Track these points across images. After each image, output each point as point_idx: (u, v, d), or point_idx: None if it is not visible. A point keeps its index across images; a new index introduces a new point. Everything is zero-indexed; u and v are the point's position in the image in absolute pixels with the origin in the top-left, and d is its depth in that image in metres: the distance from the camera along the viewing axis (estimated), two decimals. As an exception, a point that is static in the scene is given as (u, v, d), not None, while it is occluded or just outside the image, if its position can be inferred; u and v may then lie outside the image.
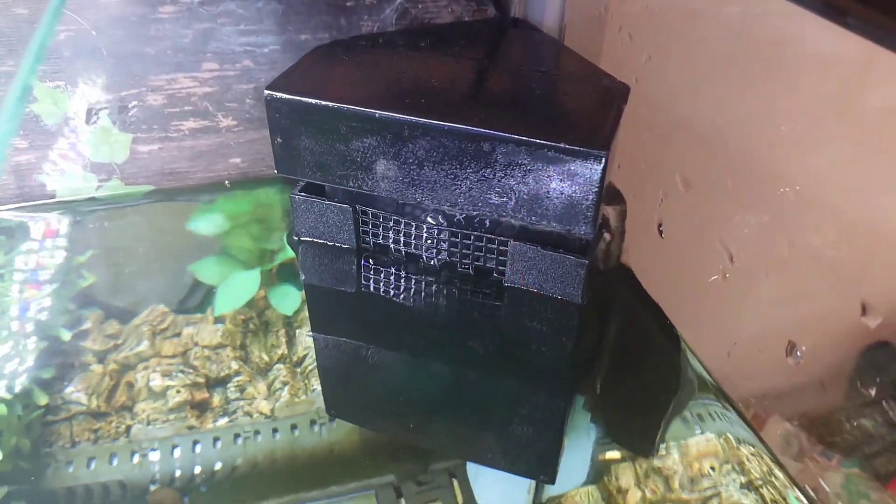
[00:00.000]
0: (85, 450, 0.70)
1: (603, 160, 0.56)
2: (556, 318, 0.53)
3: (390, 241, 0.71)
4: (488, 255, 0.69)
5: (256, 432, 0.72)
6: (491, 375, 0.53)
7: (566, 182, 0.54)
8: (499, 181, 0.56)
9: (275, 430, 0.73)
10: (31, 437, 0.70)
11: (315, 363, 0.76)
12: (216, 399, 0.75)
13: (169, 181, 1.05)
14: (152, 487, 0.70)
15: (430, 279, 0.54)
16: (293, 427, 0.73)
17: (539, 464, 0.52)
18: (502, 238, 0.69)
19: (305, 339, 0.79)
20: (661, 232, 0.77)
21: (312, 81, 0.69)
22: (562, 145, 0.55)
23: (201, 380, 0.75)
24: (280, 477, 0.73)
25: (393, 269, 0.57)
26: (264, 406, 0.75)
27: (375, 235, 0.72)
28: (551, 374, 0.54)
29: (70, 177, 1.01)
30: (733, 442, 0.70)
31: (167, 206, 1.02)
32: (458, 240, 0.70)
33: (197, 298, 0.85)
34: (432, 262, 0.55)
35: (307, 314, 0.79)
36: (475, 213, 0.59)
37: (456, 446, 0.59)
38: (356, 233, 0.68)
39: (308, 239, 0.61)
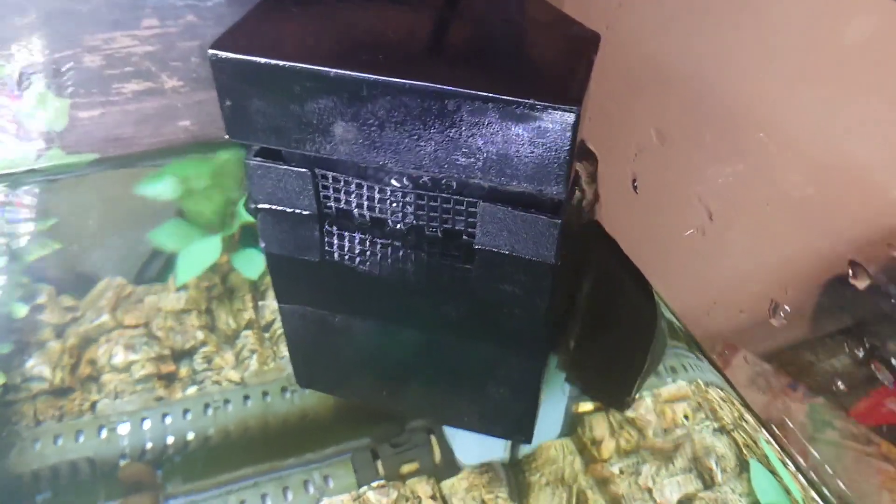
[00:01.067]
0: (50, 428, 0.68)
1: (574, 115, 0.55)
2: (529, 279, 0.52)
3: (353, 205, 0.68)
4: (457, 217, 0.66)
5: (227, 401, 0.71)
6: (463, 339, 0.52)
7: (536, 140, 0.53)
8: (465, 141, 0.55)
9: (246, 398, 0.72)
10: (-9, 418, 0.68)
11: (282, 329, 0.75)
12: (183, 370, 0.73)
13: (114, 148, 1.00)
14: (122, 462, 0.69)
15: (397, 243, 0.52)
16: (264, 394, 0.72)
17: (515, 424, 0.52)
18: (471, 199, 0.66)
19: (272, 303, 0.78)
20: (635, 188, 0.77)
21: (261, 38, 0.65)
22: (530, 101, 0.54)
23: (167, 352, 0.74)
24: (253, 445, 0.72)
25: (357, 235, 0.54)
26: (233, 374, 0.73)
27: (337, 200, 0.68)
28: (525, 335, 0.53)
29: (5, 147, 0.96)
30: (704, 389, 0.71)
31: (115, 175, 0.98)
32: (424, 202, 0.67)
33: (156, 267, 0.82)
34: (398, 226, 0.52)
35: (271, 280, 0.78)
36: (442, 175, 0.57)
37: (430, 410, 0.59)
38: (317, 198, 0.64)
39: (266, 206, 0.57)
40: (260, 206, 0.55)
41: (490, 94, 0.56)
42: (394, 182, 0.67)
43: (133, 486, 0.68)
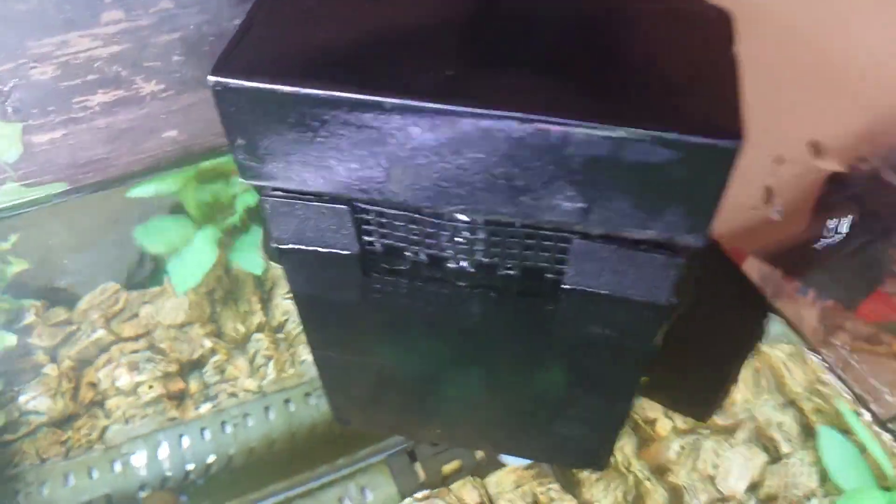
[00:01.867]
0: (57, 466, 0.62)
1: (734, 147, 0.38)
2: (631, 320, 0.38)
3: (404, 242, 0.50)
4: (541, 254, 0.49)
5: (246, 415, 0.66)
6: (540, 377, 0.41)
7: (676, 180, 0.37)
8: (573, 183, 0.37)
9: (267, 409, 0.66)
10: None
11: (299, 328, 0.68)
12: (193, 385, 0.67)
13: (86, 174, 0.82)
14: (142, 494, 0.64)
15: (461, 283, 0.37)
16: (286, 402, 0.67)
17: (590, 456, 0.43)
18: (562, 234, 0.47)
19: (282, 301, 0.71)
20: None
21: (277, 51, 0.45)
22: (673, 135, 0.36)
23: (173, 367, 0.67)
24: (281, 459, 0.67)
25: (410, 276, 0.37)
26: (250, 384, 0.67)
27: (384, 236, 0.50)
28: (612, 376, 0.41)
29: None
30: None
31: (87, 204, 0.83)
32: (500, 238, 0.49)
33: (146, 269, 0.75)
34: (463, 265, 0.36)
35: (281, 275, 0.71)
36: (532, 222, 0.41)
37: (496, 443, 0.50)
38: (357, 235, 0.46)
39: (292, 247, 0.43)
40: (283, 246, 0.37)
41: (608, 128, 0.38)
42: (460, 217, 0.48)
43: (157, 518, 0.63)
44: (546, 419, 0.40)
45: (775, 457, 0.61)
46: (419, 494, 0.62)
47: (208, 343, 0.69)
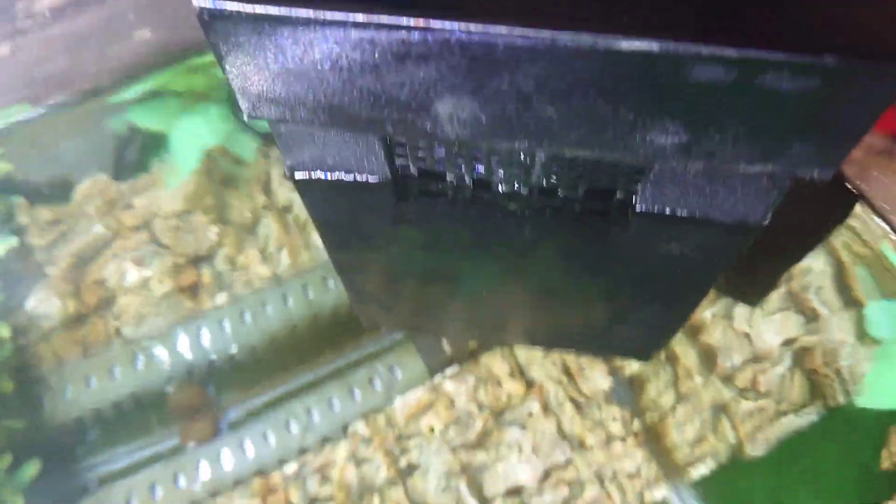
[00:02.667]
0: (78, 368, 0.61)
1: None
2: (716, 242, 0.30)
3: (444, 167, 0.38)
4: (612, 176, 0.37)
5: (264, 303, 0.63)
6: (605, 287, 0.34)
7: (819, 109, 0.27)
8: (677, 117, 0.28)
9: (285, 297, 0.64)
10: (9, 372, 0.60)
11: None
12: (206, 276, 0.64)
13: (47, 91, 0.70)
14: (169, 389, 0.63)
15: (513, 206, 0.28)
16: (304, 287, 0.64)
17: (636, 350, 0.39)
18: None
19: (283, 184, 0.67)
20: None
21: None
22: (826, 60, 0.25)
23: (181, 259, 0.64)
24: (305, 343, 0.66)
25: (451, 200, 0.28)
26: (263, 270, 0.65)
27: (420, 160, 0.38)
28: (681, 291, 0.35)
29: None
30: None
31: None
32: (564, 162, 0.37)
33: (132, 154, 0.70)
34: (516, 188, 0.28)
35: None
36: (617, 157, 0.30)
37: (550, 340, 0.45)
38: (388, 160, 0.35)
39: (308, 176, 0.28)
40: (299, 175, 0.27)
41: (746, 52, 0.25)
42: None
43: (187, 411, 0.63)
44: (599, 325, 0.37)
45: (811, 317, 0.60)
46: (449, 371, 0.61)
47: (215, 231, 0.65)
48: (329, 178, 0.28)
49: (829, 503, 0.63)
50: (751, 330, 0.59)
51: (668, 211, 0.28)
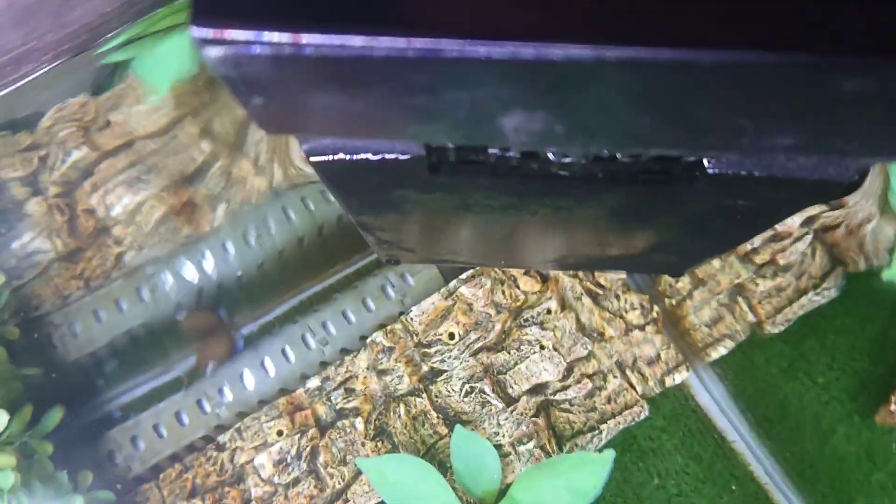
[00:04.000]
0: (83, 304, 0.59)
1: None
2: (792, 197, 0.26)
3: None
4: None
5: (265, 219, 0.61)
6: (656, 229, 0.30)
7: None
8: (793, 120, 0.21)
9: (286, 212, 0.61)
10: (11, 318, 0.58)
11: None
12: (200, 195, 0.61)
13: (5, 70, 0.62)
14: (179, 316, 0.61)
15: (564, 174, 0.23)
16: (303, 201, 0.61)
17: (671, 269, 0.36)
18: None
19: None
20: None
21: None
22: None
23: (173, 179, 0.61)
24: (312, 257, 0.64)
25: (493, 171, 0.23)
26: (260, 184, 0.61)
27: None
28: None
29: None
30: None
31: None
32: None
33: (106, 77, 0.64)
34: (569, 159, 0.23)
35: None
36: (710, 155, 0.26)
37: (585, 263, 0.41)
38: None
39: (329, 159, 0.23)
40: (316, 158, 0.22)
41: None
42: None
43: (201, 334, 0.62)
44: (638, 254, 0.34)
45: (835, 205, 0.58)
46: (464, 275, 0.60)
47: (203, 146, 0.61)
48: (353, 159, 0.25)
49: (844, 370, 0.64)
50: (771, 210, 0.57)
51: (744, 172, 0.25)
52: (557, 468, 0.53)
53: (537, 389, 0.59)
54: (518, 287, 0.59)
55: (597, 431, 0.59)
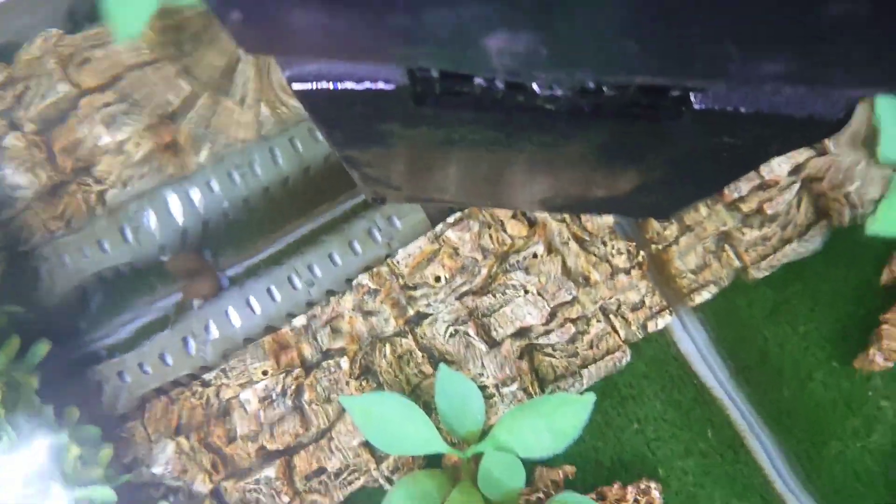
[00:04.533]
0: (70, 241, 0.58)
1: None
2: (781, 135, 0.25)
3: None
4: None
5: (251, 163, 0.60)
6: (643, 168, 0.31)
7: None
8: (791, 45, 0.19)
9: (273, 152, 0.60)
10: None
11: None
12: (184, 134, 0.60)
13: None
14: (164, 257, 0.61)
15: (551, 107, 0.23)
16: (292, 141, 0.61)
17: (657, 212, 0.36)
18: None
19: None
20: None
21: None
22: None
23: (155, 118, 0.59)
24: (298, 196, 0.63)
25: (480, 102, 0.22)
26: (246, 122, 0.60)
27: None
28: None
29: None
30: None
31: None
32: None
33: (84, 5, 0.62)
34: (555, 91, 0.22)
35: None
36: (699, 85, 0.25)
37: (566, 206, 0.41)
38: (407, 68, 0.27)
39: (312, 87, 0.22)
40: (299, 86, 0.22)
41: None
42: None
43: (186, 274, 0.62)
44: (623, 196, 0.34)
45: (821, 151, 0.58)
46: (451, 218, 0.60)
47: (185, 84, 0.60)
48: (336, 87, 0.24)
49: (826, 315, 0.65)
50: (760, 158, 0.57)
51: (730, 108, 0.25)
52: (539, 409, 0.54)
53: (521, 333, 0.59)
54: (505, 231, 0.60)
55: (579, 376, 0.60)
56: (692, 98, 0.24)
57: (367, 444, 0.57)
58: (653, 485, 0.58)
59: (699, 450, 0.62)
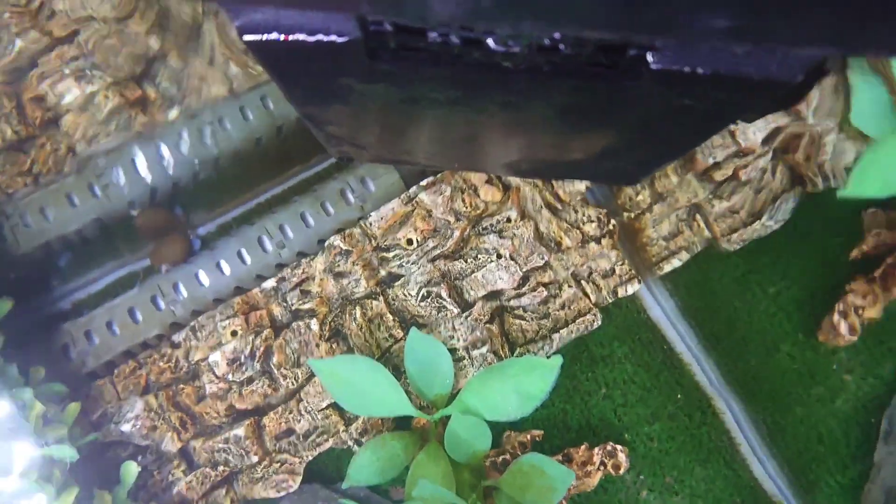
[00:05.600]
0: (33, 199, 0.57)
1: None
2: (739, 97, 0.25)
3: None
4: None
5: (221, 120, 0.59)
6: (607, 132, 0.30)
7: None
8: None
9: (243, 111, 0.59)
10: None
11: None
12: (152, 91, 0.59)
13: None
14: (134, 212, 0.60)
15: (508, 65, 0.22)
16: (263, 100, 0.60)
17: (625, 178, 0.36)
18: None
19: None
20: None
21: None
22: None
23: (123, 73, 0.58)
24: (270, 156, 0.62)
25: (435, 58, 0.22)
26: (215, 80, 0.59)
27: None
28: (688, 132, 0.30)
29: None
30: None
31: None
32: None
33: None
34: (512, 49, 0.21)
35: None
36: (646, 40, 0.25)
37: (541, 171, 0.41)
38: (357, 17, 0.27)
39: (263, 38, 0.24)
40: (249, 37, 0.21)
41: None
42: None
43: (155, 233, 0.61)
44: (589, 160, 0.34)
45: (795, 117, 0.58)
46: (424, 182, 0.59)
47: (154, 39, 0.59)
48: (288, 39, 0.24)
49: (794, 287, 0.66)
50: (735, 126, 0.57)
51: (687, 69, 0.24)
52: (507, 372, 0.54)
53: (493, 296, 0.59)
54: (478, 195, 0.59)
55: (549, 339, 0.60)
56: (649, 58, 0.24)
57: (335, 406, 0.57)
58: (619, 447, 0.59)
59: (667, 413, 0.63)
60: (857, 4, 0.17)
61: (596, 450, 0.59)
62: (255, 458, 0.56)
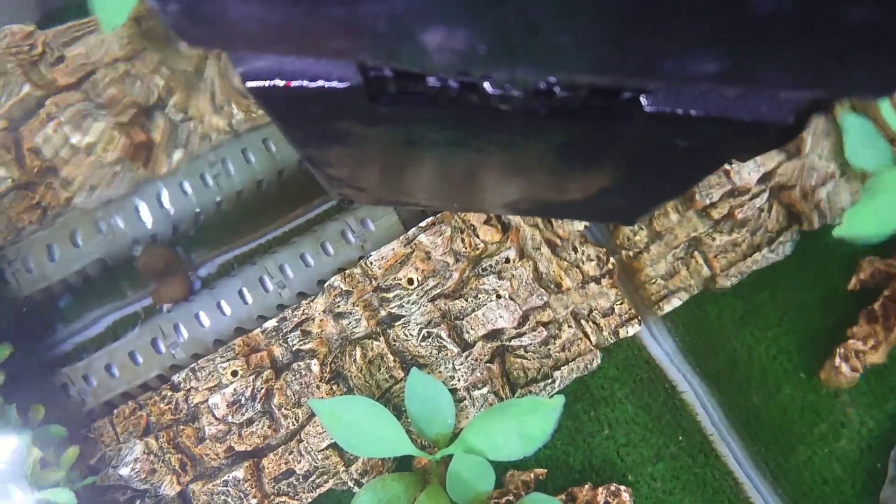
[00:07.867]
0: (38, 238, 0.58)
1: None
2: (732, 138, 0.25)
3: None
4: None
5: (224, 160, 0.60)
6: (601, 171, 0.31)
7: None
8: (727, 42, 0.20)
9: (245, 153, 0.60)
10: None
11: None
12: (157, 132, 0.60)
13: None
14: (136, 252, 0.61)
15: (505, 108, 0.23)
16: (265, 142, 0.60)
17: (622, 217, 0.36)
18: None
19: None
20: None
21: None
22: None
23: (125, 117, 0.59)
24: (272, 198, 0.63)
25: (434, 101, 0.22)
26: (219, 122, 0.60)
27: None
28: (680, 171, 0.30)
29: None
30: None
31: None
32: None
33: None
34: (508, 92, 0.22)
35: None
36: (638, 85, 0.25)
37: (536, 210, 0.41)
38: (357, 63, 0.27)
39: (265, 84, 0.25)
40: (252, 84, 0.21)
41: None
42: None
43: (157, 273, 0.61)
44: (586, 199, 0.35)
45: (793, 154, 0.58)
46: (423, 223, 0.60)
47: (160, 81, 0.60)
48: (290, 85, 0.24)
49: (794, 324, 0.66)
50: (730, 166, 0.58)
51: (680, 111, 0.25)
52: (509, 412, 0.54)
53: (493, 335, 0.59)
54: (477, 236, 0.60)
55: (550, 379, 0.60)
56: (642, 100, 0.25)
57: (336, 447, 0.56)
58: (623, 488, 0.58)
59: (669, 453, 0.62)
60: (835, 50, 0.18)
61: (600, 490, 0.58)
62: (254, 501, 0.55)
